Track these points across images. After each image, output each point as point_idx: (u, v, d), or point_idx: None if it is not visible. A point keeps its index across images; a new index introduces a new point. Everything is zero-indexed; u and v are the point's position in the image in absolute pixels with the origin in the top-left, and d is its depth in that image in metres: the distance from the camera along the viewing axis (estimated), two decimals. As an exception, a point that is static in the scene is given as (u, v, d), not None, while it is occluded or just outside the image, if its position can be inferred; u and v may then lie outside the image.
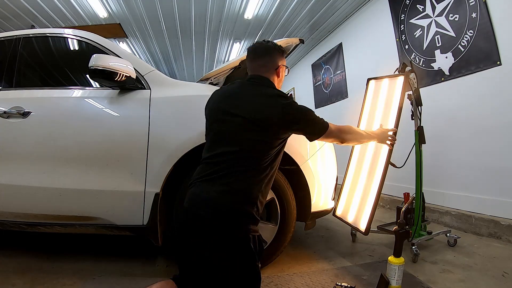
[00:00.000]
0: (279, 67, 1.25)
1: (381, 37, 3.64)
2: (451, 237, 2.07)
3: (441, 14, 2.76)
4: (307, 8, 4.18)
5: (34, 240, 2.11)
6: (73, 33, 1.85)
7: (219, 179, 1.02)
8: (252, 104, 1.10)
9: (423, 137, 1.94)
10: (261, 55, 1.23)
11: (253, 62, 1.24)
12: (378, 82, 2.14)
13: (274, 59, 1.24)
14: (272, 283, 1.51)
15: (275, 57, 1.24)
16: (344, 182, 2.09)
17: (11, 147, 1.62)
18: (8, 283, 1.46)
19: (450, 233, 2.11)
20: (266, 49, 1.24)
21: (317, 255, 1.94)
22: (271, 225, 1.65)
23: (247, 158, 1.04)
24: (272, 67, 1.23)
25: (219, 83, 2.38)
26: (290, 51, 2.36)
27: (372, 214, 1.74)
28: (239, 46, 5.57)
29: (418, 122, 1.98)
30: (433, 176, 2.93)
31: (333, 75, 5.01)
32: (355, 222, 1.86)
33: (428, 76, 2.95)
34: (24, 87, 1.78)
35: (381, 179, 1.77)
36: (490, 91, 2.39)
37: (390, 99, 1.96)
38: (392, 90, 1.98)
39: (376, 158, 1.91)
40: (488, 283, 1.48)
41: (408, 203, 2.04)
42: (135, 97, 1.64)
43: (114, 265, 1.72)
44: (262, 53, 1.24)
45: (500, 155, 2.31)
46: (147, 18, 4.41)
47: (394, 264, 1.28)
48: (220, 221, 0.99)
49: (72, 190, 1.55)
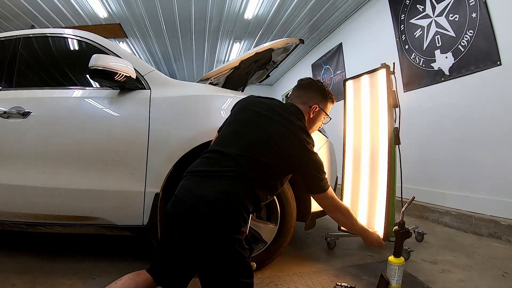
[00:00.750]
0: (314, 106, 1.23)
1: (381, 37, 3.64)
2: (418, 233, 2.14)
3: (441, 14, 2.76)
4: (307, 8, 4.18)
5: (34, 240, 2.11)
6: (73, 33, 1.85)
7: (221, 178, 0.99)
8: (280, 127, 1.10)
9: (398, 138, 1.95)
10: (300, 88, 1.28)
11: (294, 91, 1.29)
12: (357, 81, 2.13)
13: (311, 95, 1.25)
14: (272, 283, 1.51)
15: (312, 95, 1.25)
16: (342, 195, 2.08)
17: (11, 147, 1.62)
18: (8, 283, 1.46)
19: (418, 228, 2.18)
20: (308, 84, 1.28)
21: (317, 255, 1.94)
22: (271, 225, 1.65)
23: (256, 171, 1.03)
24: (306, 103, 1.23)
25: (219, 83, 2.38)
26: (290, 51, 2.37)
27: (387, 218, 1.76)
28: (239, 46, 5.57)
29: (394, 123, 1.99)
30: (432, 176, 2.94)
31: (333, 75, 5.01)
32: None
33: (428, 76, 2.95)
34: (24, 87, 1.78)
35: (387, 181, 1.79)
36: (490, 91, 2.39)
37: (375, 96, 1.96)
38: (375, 86, 1.98)
39: (375, 160, 1.91)
40: (488, 283, 1.48)
41: (408, 203, 2.04)
42: (135, 97, 1.64)
43: (114, 265, 1.72)
44: (302, 86, 1.28)
45: (500, 155, 2.31)
46: (147, 18, 4.42)
47: (394, 264, 1.28)
48: (220, 221, 0.96)
49: (72, 190, 1.55)
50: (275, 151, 1.06)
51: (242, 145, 1.06)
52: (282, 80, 8.14)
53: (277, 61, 2.51)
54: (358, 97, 2.10)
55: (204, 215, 0.95)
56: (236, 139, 1.08)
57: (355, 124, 2.10)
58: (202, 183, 1.00)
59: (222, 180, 0.99)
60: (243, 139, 1.07)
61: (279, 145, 1.06)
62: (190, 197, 0.98)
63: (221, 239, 0.96)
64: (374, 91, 1.98)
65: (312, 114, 1.24)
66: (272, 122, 1.10)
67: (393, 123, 2.00)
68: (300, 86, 1.29)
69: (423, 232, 2.17)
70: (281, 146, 1.06)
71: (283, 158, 1.07)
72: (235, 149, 1.04)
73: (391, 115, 1.88)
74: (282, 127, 1.09)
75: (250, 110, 1.17)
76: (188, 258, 1.01)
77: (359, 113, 2.07)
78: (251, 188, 1.01)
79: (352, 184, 2.05)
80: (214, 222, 0.95)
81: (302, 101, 1.24)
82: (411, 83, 3.18)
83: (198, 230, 0.96)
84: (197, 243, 0.97)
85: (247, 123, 1.13)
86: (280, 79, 8.30)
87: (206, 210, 0.95)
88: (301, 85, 1.29)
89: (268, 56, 2.30)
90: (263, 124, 1.10)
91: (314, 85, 1.28)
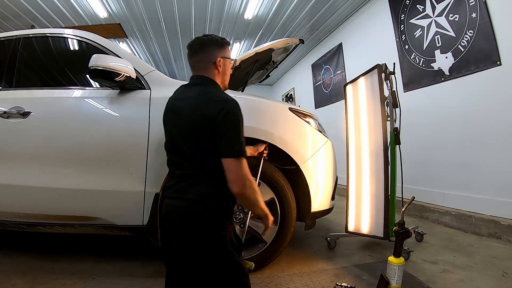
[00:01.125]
0: (218, 60, 1.15)
1: (381, 37, 3.64)
2: (418, 233, 2.15)
3: (441, 14, 2.76)
4: (307, 8, 4.18)
5: (34, 240, 2.11)
6: (73, 33, 1.85)
7: (191, 185, 1.02)
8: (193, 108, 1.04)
9: (399, 138, 1.98)
10: (194, 53, 1.17)
11: (190, 60, 1.19)
12: (355, 84, 2.16)
13: (210, 53, 1.15)
14: (272, 283, 1.51)
15: (211, 51, 1.15)
16: (348, 196, 2.10)
17: (11, 147, 1.62)
18: (8, 283, 1.47)
19: (417, 228, 2.20)
20: (200, 44, 1.17)
21: (317, 255, 1.94)
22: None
23: (200, 161, 1.03)
24: (209, 62, 1.15)
25: (219, 83, 2.37)
26: (290, 51, 2.37)
27: (386, 217, 1.76)
28: (239, 46, 5.57)
29: (394, 123, 2.01)
30: (432, 176, 2.94)
31: (333, 75, 5.01)
32: (370, 231, 1.88)
33: (428, 76, 2.95)
34: (24, 87, 1.78)
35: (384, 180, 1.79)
36: (490, 91, 2.39)
37: (371, 97, 1.98)
38: (369, 87, 2.00)
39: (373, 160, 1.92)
40: (488, 283, 1.48)
41: (408, 203, 2.04)
42: (135, 97, 1.64)
43: (114, 265, 1.72)
44: (196, 50, 1.17)
45: (500, 155, 2.31)
46: (147, 18, 4.41)
47: (394, 264, 1.28)
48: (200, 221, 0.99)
49: (72, 190, 1.55)
50: (197, 135, 1.02)
51: (181, 149, 1.06)
52: (282, 80, 8.13)
53: (277, 61, 2.51)
54: (356, 100, 2.13)
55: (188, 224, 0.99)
56: (175, 147, 1.08)
57: (355, 126, 2.11)
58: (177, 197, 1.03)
59: (193, 186, 1.01)
60: (178, 145, 1.07)
61: (195, 128, 1.01)
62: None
63: (205, 239, 0.99)
64: (369, 92, 2.00)
65: (221, 67, 1.17)
66: (184, 113, 1.06)
67: (393, 122, 2.01)
68: (194, 51, 1.17)
69: (422, 232, 2.17)
70: (195, 125, 1.01)
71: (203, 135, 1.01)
72: (180, 156, 1.06)
73: (384, 112, 1.89)
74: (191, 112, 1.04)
75: (169, 114, 1.14)
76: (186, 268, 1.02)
77: (358, 114, 2.09)
78: (211, 179, 1.01)
79: (356, 194, 2.07)
80: (197, 223, 0.99)
81: (204, 64, 1.16)
82: (411, 83, 3.18)
83: (186, 236, 1.00)
84: (187, 248, 1.00)
85: (172, 126, 1.11)
86: (280, 79, 8.30)
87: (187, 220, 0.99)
88: (194, 50, 1.17)
89: (268, 56, 2.31)
90: (181, 122, 1.07)
91: (206, 41, 1.17)
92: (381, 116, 1.87)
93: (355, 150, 2.11)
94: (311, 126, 1.81)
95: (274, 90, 8.81)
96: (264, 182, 1.61)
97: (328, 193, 1.82)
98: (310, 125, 1.81)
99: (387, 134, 1.87)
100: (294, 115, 1.76)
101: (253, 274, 1.61)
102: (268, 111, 1.76)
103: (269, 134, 1.63)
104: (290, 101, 7.25)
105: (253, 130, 1.62)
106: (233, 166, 0.97)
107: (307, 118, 1.82)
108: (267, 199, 1.62)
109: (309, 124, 1.81)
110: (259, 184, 1.60)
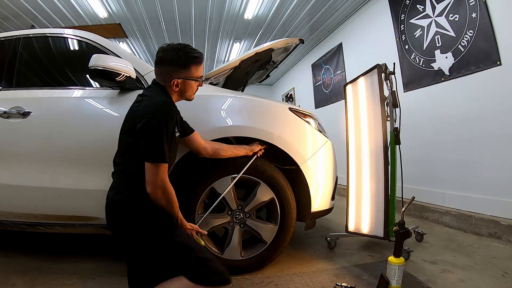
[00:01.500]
0: (173, 81, 1.15)
1: (381, 37, 3.64)
2: (418, 233, 2.16)
3: (441, 14, 2.76)
4: (307, 8, 4.18)
5: (34, 240, 2.11)
6: (73, 33, 1.85)
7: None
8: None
9: (398, 138, 1.99)
10: (156, 64, 1.18)
11: (154, 66, 1.21)
12: (355, 84, 2.16)
13: (167, 70, 1.15)
14: (272, 283, 1.51)
15: (169, 70, 1.15)
16: (348, 196, 2.10)
17: (11, 147, 1.62)
18: (8, 283, 1.47)
19: (417, 228, 2.21)
20: (160, 59, 1.16)
21: (317, 255, 1.94)
22: (271, 225, 1.65)
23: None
24: (165, 79, 1.16)
25: (219, 83, 2.38)
26: (290, 51, 2.37)
27: (386, 217, 1.76)
28: (239, 46, 5.57)
29: (394, 123, 2.02)
30: (432, 176, 2.94)
31: (333, 75, 5.01)
32: (370, 231, 1.88)
33: (428, 76, 2.95)
34: (24, 87, 1.78)
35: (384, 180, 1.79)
36: (490, 91, 2.39)
37: (370, 95, 1.98)
38: (369, 87, 2.00)
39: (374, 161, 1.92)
40: (488, 283, 1.48)
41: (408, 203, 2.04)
42: (135, 97, 1.63)
43: (114, 265, 1.72)
44: (157, 62, 1.17)
45: (500, 155, 2.31)
46: (147, 18, 4.41)
47: (394, 264, 1.28)
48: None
49: (72, 190, 1.55)
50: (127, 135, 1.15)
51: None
52: (282, 80, 8.13)
53: (277, 61, 2.51)
54: (356, 100, 2.13)
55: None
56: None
57: (355, 126, 2.12)
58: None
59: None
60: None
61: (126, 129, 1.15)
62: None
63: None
64: (369, 92, 2.00)
65: (176, 88, 1.16)
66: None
67: (393, 122, 2.02)
68: (156, 61, 1.18)
69: (422, 232, 2.18)
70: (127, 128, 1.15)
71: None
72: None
73: (384, 112, 1.89)
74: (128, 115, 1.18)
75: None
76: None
77: (358, 114, 2.09)
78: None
79: (356, 194, 2.07)
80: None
81: (162, 78, 1.18)
82: (411, 83, 3.18)
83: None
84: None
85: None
86: (280, 79, 8.30)
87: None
88: (156, 60, 1.18)
89: (268, 56, 2.30)
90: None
91: (166, 59, 1.15)
92: (381, 116, 1.87)
93: (355, 150, 2.11)
94: (311, 126, 1.81)
95: (274, 90, 8.81)
96: (264, 182, 1.61)
97: (328, 193, 1.82)
98: (310, 125, 1.81)
99: (387, 134, 1.87)
100: (294, 115, 1.76)
101: (253, 274, 1.61)
102: (268, 111, 1.76)
103: (269, 134, 1.63)
104: (290, 101, 7.25)
105: (253, 130, 1.62)
106: (149, 169, 1.06)
107: (307, 118, 1.82)
108: (267, 199, 1.62)
109: (309, 124, 1.80)
110: (260, 185, 1.61)
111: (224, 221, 1.59)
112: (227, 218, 1.60)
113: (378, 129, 1.89)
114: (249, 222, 1.62)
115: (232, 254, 1.59)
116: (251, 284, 1.50)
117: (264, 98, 1.84)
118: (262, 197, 1.61)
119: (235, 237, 1.59)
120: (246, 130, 1.61)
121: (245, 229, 1.62)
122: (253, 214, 1.64)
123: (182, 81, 1.17)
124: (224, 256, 1.57)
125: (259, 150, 1.60)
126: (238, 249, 1.60)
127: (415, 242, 2.12)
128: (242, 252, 1.61)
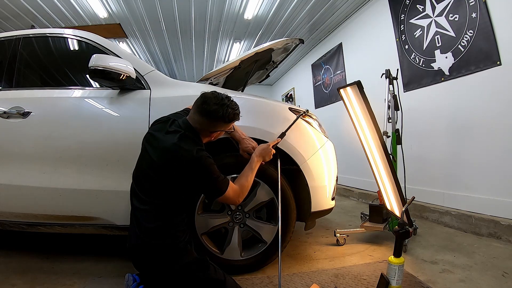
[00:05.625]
0: (214, 134, 1.31)
1: (381, 37, 3.64)
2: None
3: (441, 14, 2.76)
4: (307, 8, 4.18)
5: (34, 240, 2.11)
6: (73, 33, 1.85)
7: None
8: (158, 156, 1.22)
9: (400, 138, 2.07)
10: (201, 113, 1.22)
11: (194, 108, 1.24)
12: (344, 90, 2.14)
13: (213, 124, 1.25)
14: (272, 283, 1.51)
15: (215, 124, 1.25)
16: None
17: (11, 147, 1.62)
18: (8, 283, 1.46)
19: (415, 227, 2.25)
20: (209, 112, 1.21)
21: (317, 255, 1.94)
22: (271, 225, 1.65)
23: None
24: (204, 130, 1.26)
25: (219, 83, 2.38)
26: (290, 51, 2.37)
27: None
28: (239, 46, 5.57)
29: (395, 125, 2.09)
30: (432, 176, 2.93)
31: (333, 75, 5.01)
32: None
33: (428, 76, 2.95)
34: (24, 87, 1.78)
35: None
36: (490, 91, 2.39)
37: (360, 103, 1.97)
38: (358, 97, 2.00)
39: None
40: (488, 283, 1.48)
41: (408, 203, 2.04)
42: (135, 97, 1.64)
43: (114, 265, 1.72)
44: (203, 113, 1.22)
45: (500, 155, 2.31)
46: (147, 18, 4.41)
47: (394, 264, 1.28)
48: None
49: (72, 190, 1.55)
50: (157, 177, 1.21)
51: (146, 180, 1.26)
52: (282, 80, 8.13)
53: (277, 61, 2.50)
54: (350, 104, 2.11)
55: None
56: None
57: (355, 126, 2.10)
58: None
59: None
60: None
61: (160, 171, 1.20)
62: None
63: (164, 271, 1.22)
64: (359, 100, 1.98)
65: (214, 138, 1.33)
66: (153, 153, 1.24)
67: (394, 124, 2.02)
68: (201, 111, 1.21)
69: (416, 226, 2.25)
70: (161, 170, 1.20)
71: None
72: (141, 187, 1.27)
73: (374, 123, 1.89)
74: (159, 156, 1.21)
75: (144, 147, 1.30)
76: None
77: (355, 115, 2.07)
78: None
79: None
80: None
81: (201, 128, 1.25)
82: (411, 83, 3.18)
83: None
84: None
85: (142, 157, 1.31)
86: (280, 79, 8.30)
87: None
88: (202, 110, 1.21)
89: (268, 56, 2.30)
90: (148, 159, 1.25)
91: (216, 114, 1.20)
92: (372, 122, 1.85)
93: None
94: (311, 126, 1.81)
95: (274, 90, 8.81)
96: (264, 182, 1.61)
97: (328, 193, 1.82)
98: (310, 125, 1.81)
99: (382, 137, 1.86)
100: (294, 115, 1.76)
101: (253, 274, 1.61)
102: (268, 111, 1.76)
103: (269, 134, 1.63)
104: (290, 101, 7.25)
105: (253, 130, 1.62)
106: (227, 199, 1.26)
107: (307, 118, 1.82)
108: (267, 199, 1.62)
109: (309, 124, 1.81)
110: (260, 185, 1.60)
111: (224, 221, 1.59)
112: (227, 218, 1.60)
113: (372, 131, 1.87)
114: (249, 222, 1.62)
115: (232, 254, 1.59)
116: (251, 284, 1.50)
117: (264, 98, 1.84)
118: (262, 197, 1.61)
119: (235, 237, 1.59)
120: (246, 130, 1.61)
121: (245, 229, 1.62)
122: (253, 214, 1.64)
123: (220, 133, 1.35)
124: (224, 256, 1.57)
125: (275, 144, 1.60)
126: (238, 249, 1.60)
127: (413, 238, 2.13)
128: (242, 252, 1.61)
